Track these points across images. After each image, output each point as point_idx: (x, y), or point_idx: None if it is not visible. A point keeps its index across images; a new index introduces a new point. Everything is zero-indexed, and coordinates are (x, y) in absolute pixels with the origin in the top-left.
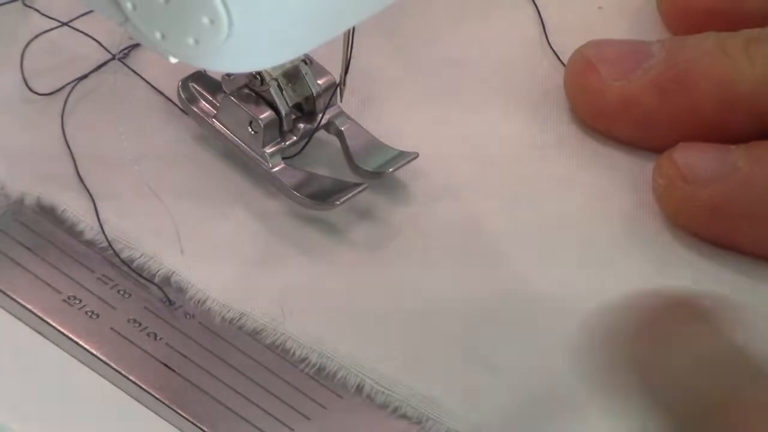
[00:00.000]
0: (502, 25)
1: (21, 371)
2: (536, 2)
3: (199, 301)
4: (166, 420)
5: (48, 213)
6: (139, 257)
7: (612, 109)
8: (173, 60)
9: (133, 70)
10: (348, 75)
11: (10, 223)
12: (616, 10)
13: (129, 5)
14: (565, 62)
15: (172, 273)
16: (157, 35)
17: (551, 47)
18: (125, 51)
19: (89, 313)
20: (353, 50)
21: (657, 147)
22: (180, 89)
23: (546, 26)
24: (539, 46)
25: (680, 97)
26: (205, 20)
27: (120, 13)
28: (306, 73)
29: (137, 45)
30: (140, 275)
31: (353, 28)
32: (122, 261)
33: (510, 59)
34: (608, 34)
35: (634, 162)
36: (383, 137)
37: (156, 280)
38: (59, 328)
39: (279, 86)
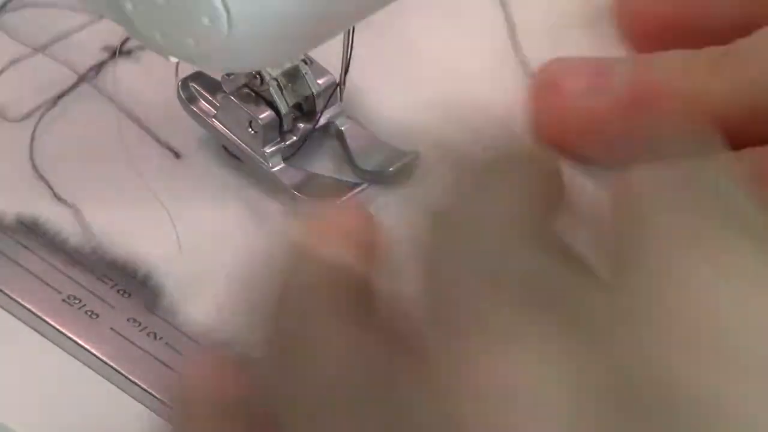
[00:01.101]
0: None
1: (21, 371)
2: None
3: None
4: (166, 420)
5: (31, 228)
6: (131, 257)
7: (575, 129)
8: (173, 60)
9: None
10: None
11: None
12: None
13: (129, 5)
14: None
15: (167, 274)
16: (157, 35)
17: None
18: (94, 70)
19: (89, 313)
20: (353, 50)
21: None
22: (180, 89)
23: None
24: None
25: (646, 116)
26: (205, 20)
27: (120, 13)
28: (306, 73)
29: (105, 64)
30: (134, 276)
31: (353, 28)
32: (112, 263)
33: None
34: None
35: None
36: (383, 136)
37: (150, 282)
38: (59, 327)
39: (279, 86)
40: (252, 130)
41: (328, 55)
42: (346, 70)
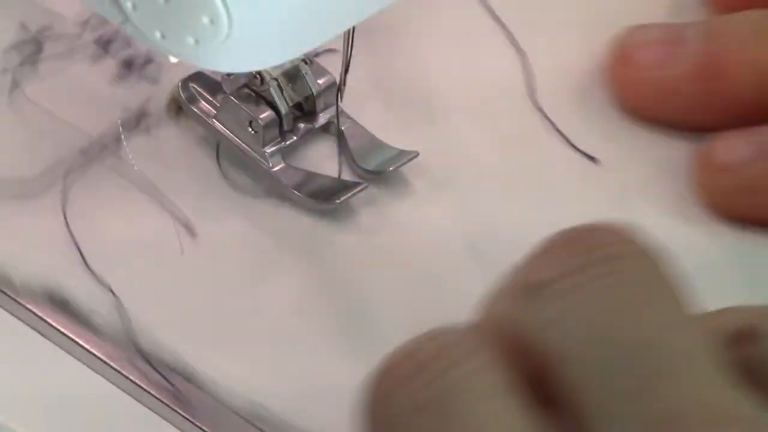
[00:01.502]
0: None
1: (21, 371)
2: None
3: None
4: (166, 420)
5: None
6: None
7: (651, 98)
8: (173, 59)
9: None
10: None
11: None
12: None
13: (129, 5)
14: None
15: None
16: (157, 35)
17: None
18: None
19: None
20: (353, 50)
21: (700, 131)
22: (180, 89)
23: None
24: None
25: (718, 83)
26: (205, 20)
27: (120, 13)
28: (306, 73)
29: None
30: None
31: (353, 28)
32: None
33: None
34: None
35: (673, 146)
36: (383, 137)
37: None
38: (59, 327)
39: (279, 86)
40: (252, 130)
41: (328, 55)
42: (346, 70)
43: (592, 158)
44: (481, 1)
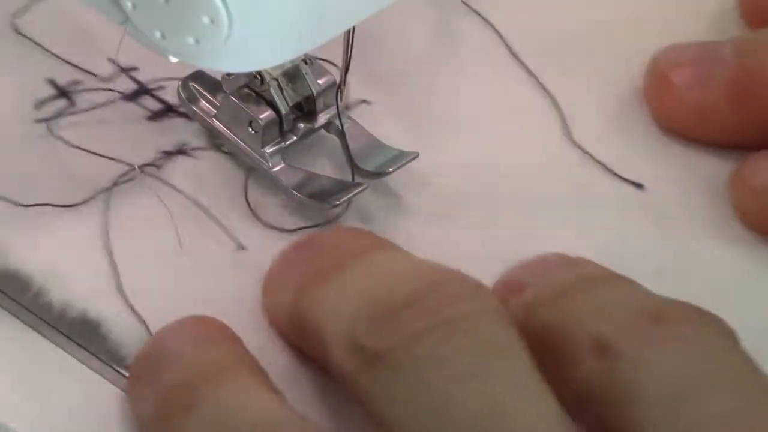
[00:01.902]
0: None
1: (21, 371)
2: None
3: None
4: None
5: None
6: None
7: (689, 118)
8: (173, 59)
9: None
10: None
11: None
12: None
13: (129, 4)
14: None
15: None
16: (157, 34)
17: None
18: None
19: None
20: (353, 50)
21: (740, 149)
22: (180, 88)
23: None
24: None
25: (755, 102)
26: (206, 19)
27: (120, 13)
28: (306, 73)
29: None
30: None
31: (353, 28)
32: None
33: None
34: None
35: (714, 166)
36: (382, 138)
37: None
38: (59, 327)
39: (279, 86)
40: (252, 130)
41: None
42: (346, 70)
43: (638, 185)
44: (507, 49)
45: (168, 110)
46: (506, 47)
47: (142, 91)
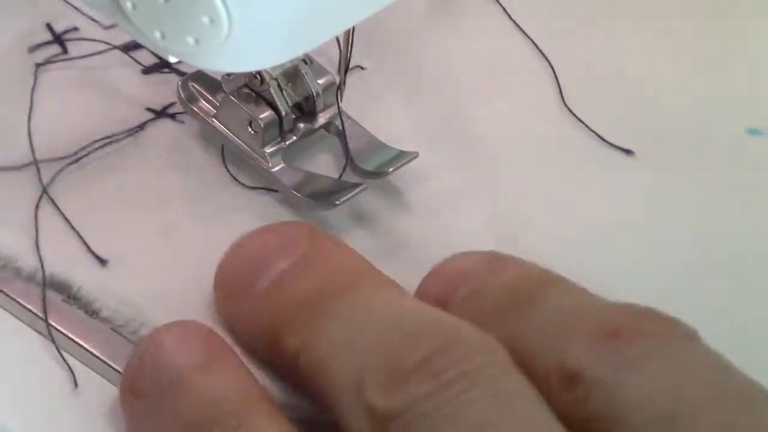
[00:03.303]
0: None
1: (21, 371)
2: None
3: None
4: None
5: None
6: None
7: None
8: (173, 59)
9: None
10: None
11: None
12: None
13: (129, 4)
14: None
15: None
16: (157, 34)
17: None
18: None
19: (89, 312)
20: (352, 50)
21: None
22: (180, 88)
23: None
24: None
25: None
26: (205, 19)
27: (120, 13)
28: (306, 73)
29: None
30: None
31: (353, 28)
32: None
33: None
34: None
35: None
36: (383, 137)
37: None
38: (59, 327)
39: (279, 86)
40: (252, 130)
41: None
42: (346, 70)
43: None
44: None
45: (163, 66)
46: (507, 15)
47: (137, 44)
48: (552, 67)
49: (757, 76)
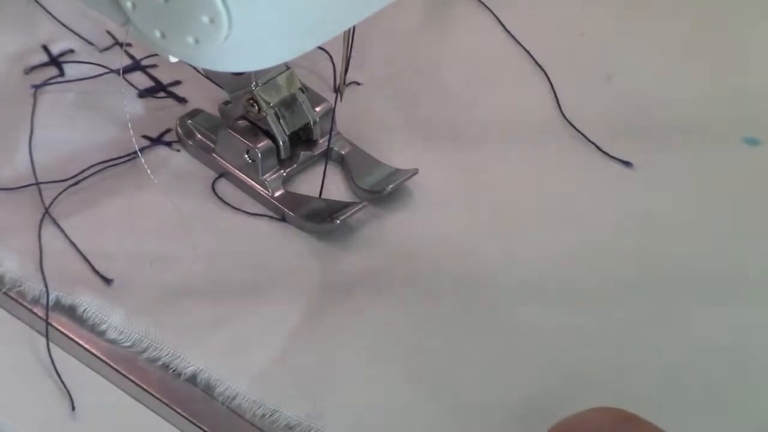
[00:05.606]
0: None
1: (21, 371)
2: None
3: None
4: (167, 420)
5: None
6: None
7: None
8: (173, 59)
9: None
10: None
11: None
12: None
13: (129, 4)
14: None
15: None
16: (157, 34)
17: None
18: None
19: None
20: (352, 50)
21: None
22: (177, 126)
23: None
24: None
25: None
26: (205, 19)
27: (120, 13)
28: (303, 101)
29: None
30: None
31: (353, 28)
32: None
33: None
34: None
35: None
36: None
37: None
38: (59, 327)
39: (276, 114)
40: (250, 159)
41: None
42: (345, 69)
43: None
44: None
45: (158, 89)
46: (502, 28)
47: (133, 67)
48: (548, 77)
49: (753, 88)
